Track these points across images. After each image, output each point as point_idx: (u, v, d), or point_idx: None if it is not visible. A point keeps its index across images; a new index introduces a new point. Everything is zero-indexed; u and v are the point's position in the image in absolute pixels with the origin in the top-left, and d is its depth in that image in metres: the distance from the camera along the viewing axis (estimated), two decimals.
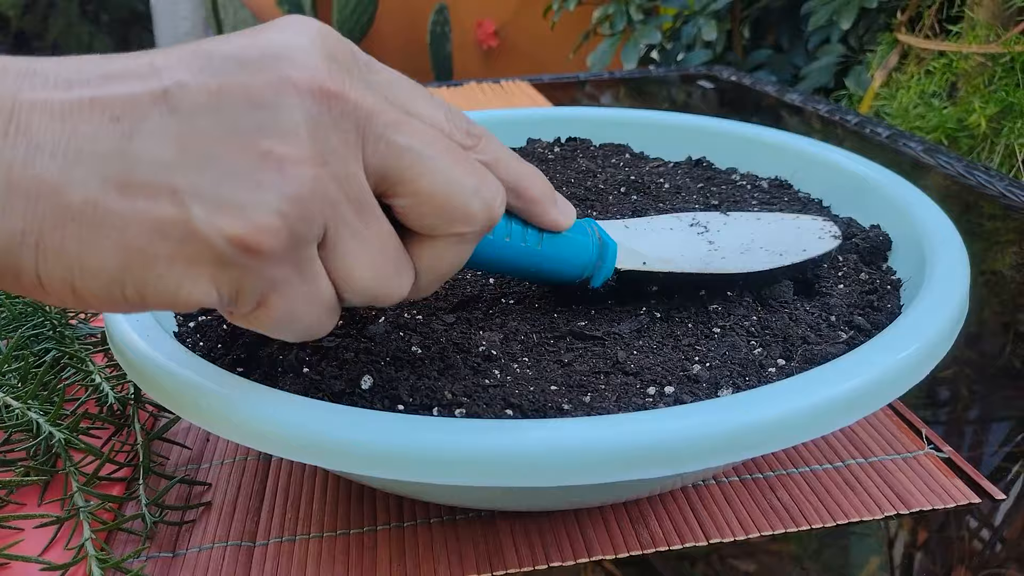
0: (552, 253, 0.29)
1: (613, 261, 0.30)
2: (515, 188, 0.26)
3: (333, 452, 0.22)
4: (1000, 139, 0.93)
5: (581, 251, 0.30)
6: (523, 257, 0.28)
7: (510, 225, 0.27)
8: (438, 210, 0.23)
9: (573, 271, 0.30)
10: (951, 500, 0.32)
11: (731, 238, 0.34)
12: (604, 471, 0.22)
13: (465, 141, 0.25)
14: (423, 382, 0.27)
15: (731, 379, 0.27)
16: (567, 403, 0.26)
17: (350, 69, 0.22)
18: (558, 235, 0.29)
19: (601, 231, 0.31)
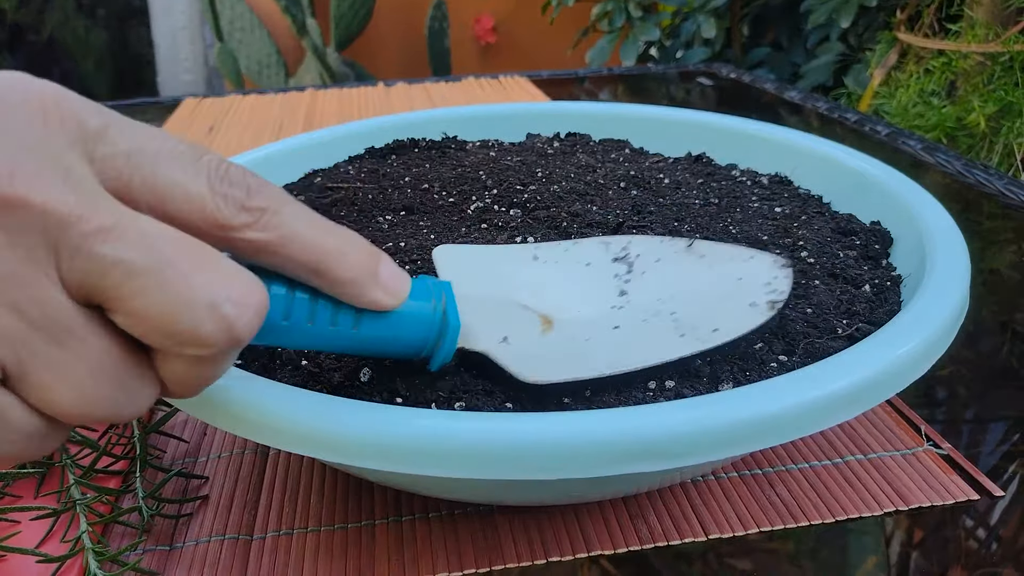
0: (373, 335, 0.24)
1: (453, 345, 0.26)
2: (316, 268, 0.22)
3: (331, 444, 0.22)
4: (999, 138, 0.93)
5: (413, 330, 0.25)
6: (333, 339, 0.23)
7: (315, 305, 0.22)
8: (160, 333, 0.19)
9: (403, 351, 0.25)
10: (950, 496, 0.32)
11: (648, 291, 0.29)
12: (604, 464, 0.21)
13: (236, 218, 0.20)
14: (422, 376, 0.27)
15: (732, 374, 0.27)
16: (567, 396, 0.26)
17: (59, 155, 0.18)
18: (382, 315, 0.24)
19: (450, 304, 0.26)
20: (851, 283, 0.33)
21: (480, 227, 0.38)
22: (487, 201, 0.41)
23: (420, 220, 0.40)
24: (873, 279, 0.34)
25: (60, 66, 2.41)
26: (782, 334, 0.30)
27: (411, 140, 0.52)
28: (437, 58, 2.06)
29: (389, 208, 0.41)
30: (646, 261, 0.31)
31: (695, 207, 0.41)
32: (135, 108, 0.98)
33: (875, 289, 0.33)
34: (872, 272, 0.34)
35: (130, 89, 2.50)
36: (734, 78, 1.04)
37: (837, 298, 0.32)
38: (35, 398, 0.18)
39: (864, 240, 0.37)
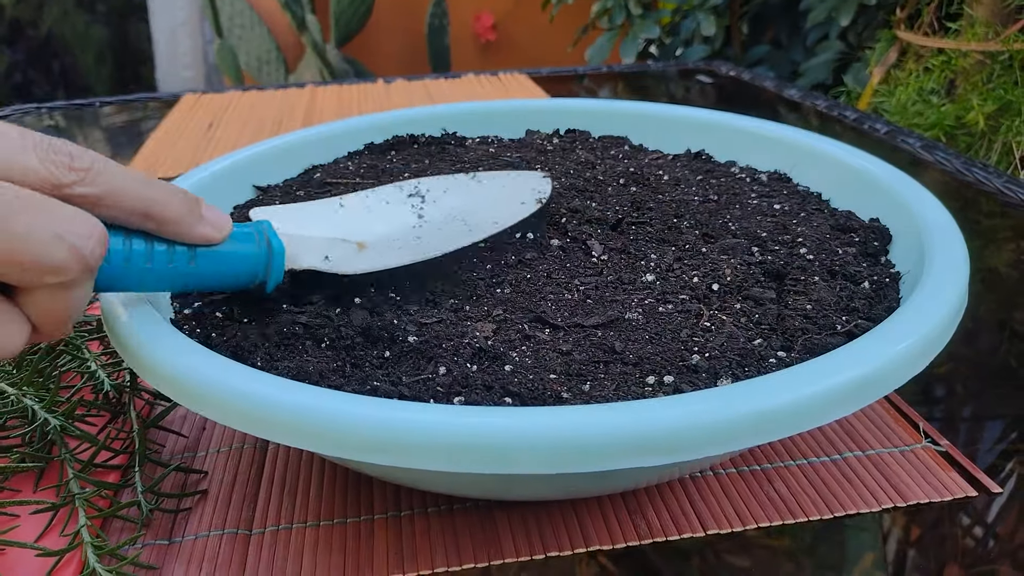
0: (208, 269, 0.28)
1: (281, 265, 0.30)
2: (144, 211, 0.26)
3: (331, 438, 0.22)
4: (998, 136, 0.93)
5: (243, 261, 0.29)
6: (176, 277, 0.27)
7: (151, 249, 0.26)
8: (14, 267, 0.22)
9: (240, 281, 0.29)
10: (948, 493, 0.32)
11: (440, 211, 0.36)
12: (604, 459, 0.22)
13: (65, 177, 0.24)
14: (421, 372, 0.27)
15: (730, 369, 0.27)
16: (566, 391, 0.26)
17: None
18: (213, 250, 0.28)
19: (271, 235, 0.30)
20: (850, 280, 0.33)
21: None
22: None
23: None
24: (872, 276, 0.34)
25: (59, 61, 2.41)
26: (780, 330, 0.30)
27: (410, 136, 0.52)
28: (437, 55, 2.06)
29: None
30: (435, 193, 0.38)
31: (694, 204, 0.41)
32: (134, 104, 0.98)
33: (874, 286, 0.33)
34: (871, 269, 0.34)
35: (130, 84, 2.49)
36: (733, 76, 1.04)
37: (836, 295, 0.32)
38: None
39: (863, 237, 0.37)
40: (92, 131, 0.89)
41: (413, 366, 0.27)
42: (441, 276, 0.33)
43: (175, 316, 0.33)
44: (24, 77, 2.37)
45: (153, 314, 0.29)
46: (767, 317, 0.30)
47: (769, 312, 0.31)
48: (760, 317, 0.30)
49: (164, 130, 0.85)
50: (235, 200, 0.44)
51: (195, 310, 0.33)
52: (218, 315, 0.32)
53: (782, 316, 0.30)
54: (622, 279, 0.33)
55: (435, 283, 0.33)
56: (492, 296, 0.32)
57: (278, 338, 0.29)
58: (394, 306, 0.31)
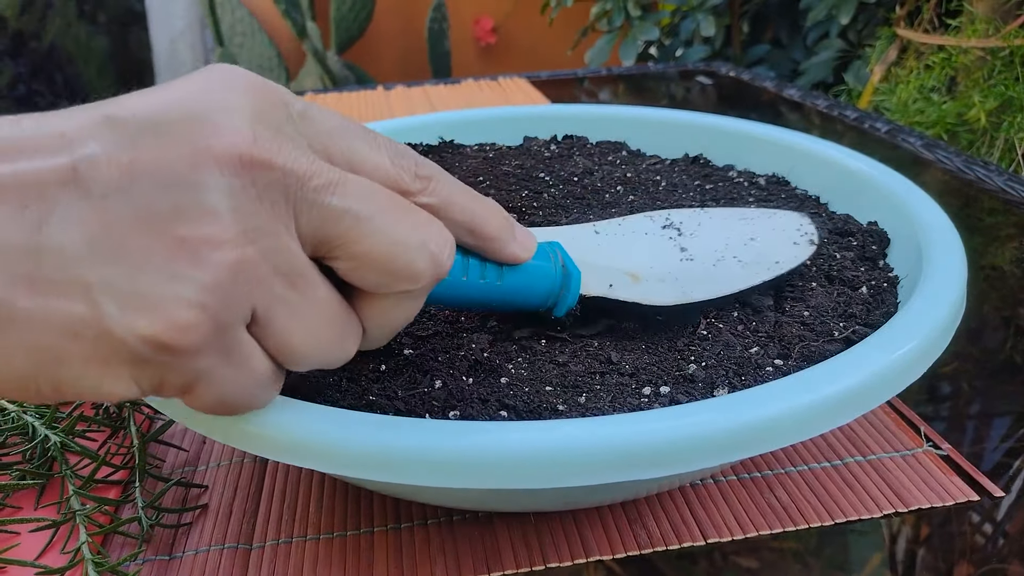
0: (513, 286, 0.28)
1: (577, 290, 0.30)
2: (470, 227, 0.25)
3: (327, 455, 0.22)
4: (1000, 133, 0.93)
5: (543, 281, 0.29)
6: (483, 293, 0.27)
7: (467, 263, 0.26)
8: (381, 271, 0.22)
9: (535, 301, 0.29)
10: (950, 498, 0.32)
11: (705, 243, 0.33)
12: (600, 472, 0.21)
13: (413, 185, 0.23)
14: (416, 386, 0.27)
15: (727, 379, 0.27)
16: (562, 404, 0.26)
17: (280, 126, 0.21)
18: (519, 267, 0.28)
19: (566, 257, 0.30)
20: (848, 285, 0.33)
21: None
22: None
23: None
24: (870, 280, 0.34)
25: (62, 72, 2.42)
26: (777, 338, 0.29)
27: (408, 145, 0.52)
28: (437, 60, 2.06)
29: None
30: (690, 226, 0.35)
31: None
32: None
33: (872, 291, 0.33)
34: (869, 273, 0.34)
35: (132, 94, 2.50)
36: (734, 76, 1.04)
37: (834, 300, 0.32)
38: (274, 342, 0.21)
39: (861, 241, 0.37)
40: None
41: (409, 379, 0.27)
42: None
43: None
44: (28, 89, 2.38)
45: None
46: (764, 325, 0.30)
47: (766, 319, 0.30)
48: (757, 325, 0.30)
49: None
50: None
51: None
52: None
53: (779, 323, 0.30)
54: None
55: None
56: None
57: None
58: None
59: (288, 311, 0.21)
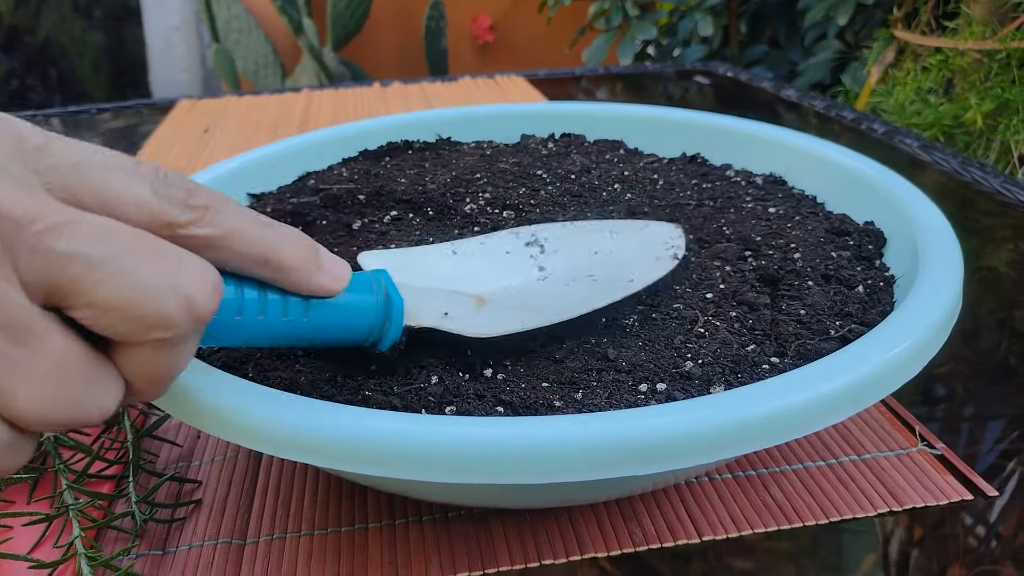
0: (323, 322, 0.25)
1: (400, 322, 0.27)
2: (262, 258, 0.23)
3: (323, 450, 0.22)
4: (996, 136, 0.93)
5: (361, 315, 0.26)
6: (288, 331, 0.24)
7: (265, 298, 0.24)
8: (126, 319, 0.19)
9: (355, 336, 0.26)
10: (944, 497, 0.32)
11: (565, 261, 0.33)
12: (597, 468, 0.21)
13: (181, 216, 0.21)
14: (413, 381, 0.26)
15: (723, 376, 0.27)
16: (559, 400, 0.25)
17: (3, 165, 0.19)
18: (330, 302, 0.25)
19: (390, 286, 0.27)
20: (844, 284, 0.33)
21: (473, 229, 0.38)
22: (481, 203, 0.41)
23: (414, 221, 0.40)
24: (866, 280, 0.34)
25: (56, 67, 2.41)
26: (773, 336, 0.29)
27: (405, 142, 0.52)
28: (434, 57, 2.06)
29: (382, 209, 0.41)
30: (554, 243, 0.34)
31: (689, 208, 0.41)
32: (130, 110, 0.98)
33: (868, 290, 0.33)
34: (865, 273, 0.34)
35: (127, 90, 2.49)
36: (731, 76, 1.04)
37: (830, 299, 0.32)
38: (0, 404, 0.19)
39: (857, 240, 0.37)
40: (89, 137, 0.89)
41: (405, 375, 0.27)
42: None
43: None
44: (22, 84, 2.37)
45: None
46: (761, 323, 0.30)
47: (763, 318, 0.31)
48: (754, 323, 0.30)
49: (159, 136, 0.85)
50: None
51: None
52: None
53: (776, 321, 0.30)
54: None
55: None
56: None
57: (269, 348, 0.29)
58: None
59: (10, 369, 0.18)
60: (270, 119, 0.89)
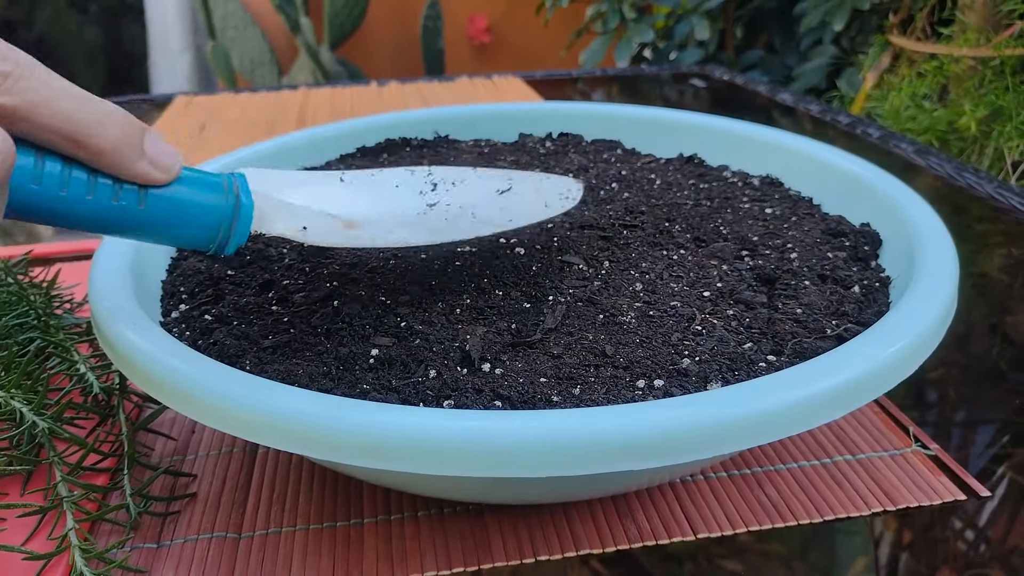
0: (160, 216, 0.24)
1: (247, 226, 0.26)
2: (71, 136, 0.22)
3: (321, 442, 0.22)
4: (990, 142, 0.94)
5: (203, 213, 0.25)
6: (120, 217, 0.24)
7: (68, 174, 0.23)
8: None
9: (196, 235, 0.26)
10: (937, 497, 0.32)
11: (453, 199, 0.32)
12: (593, 462, 0.21)
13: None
14: (411, 375, 0.26)
15: (720, 373, 0.27)
16: (556, 395, 0.26)
17: None
18: (170, 194, 0.24)
19: (243, 188, 0.27)
20: (840, 284, 0.33)
21: None
22: None
23: None
24: (862, 280, 0.34)
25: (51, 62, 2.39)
26: (770, 334, 0.30)
27: (403, 139, 0.52)
28: (431, 57, 2.06)
29: None
30: (449, 183, 0.34)
31: (686, 208, 0.41)
32: (125, 105, 0.98)
33: (864, 290, 0.33)
34: (861, 273, 0.35)
35: (123, 86, 2.48)
36: (727, 80, 1.04)
37: (827, 299, 0.32)
38: None
39: (854, 241, 0.37)
40: None
41: (403, 369, 0.27)
42: (429, 278, 0.33)
43: (164, 319, 0.32)
44: None
45: (142, 317, 0.29)
46: (757, 321, 0.30)
47: (760, 316, 0.31)
48: (751, 321, 0.30)
49: (157, 129, 0.84)
50: None
51: (184, 313, 0.33)
52: (207, 318, 0.32)
53: (772, 320, 0.30)
54: (613, 283, 0.33)
55: (422, 287, 0.33)
56: (483, 299, 0.32)
57: (267, 341, 0.29)
58: (384, 307, 0.31)
59: None
60: (267, 116, 0.89)
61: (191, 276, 0.35)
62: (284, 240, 0.37)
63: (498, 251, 0.36)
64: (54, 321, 0.40)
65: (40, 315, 0.40)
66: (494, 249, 0.36)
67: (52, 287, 0.43)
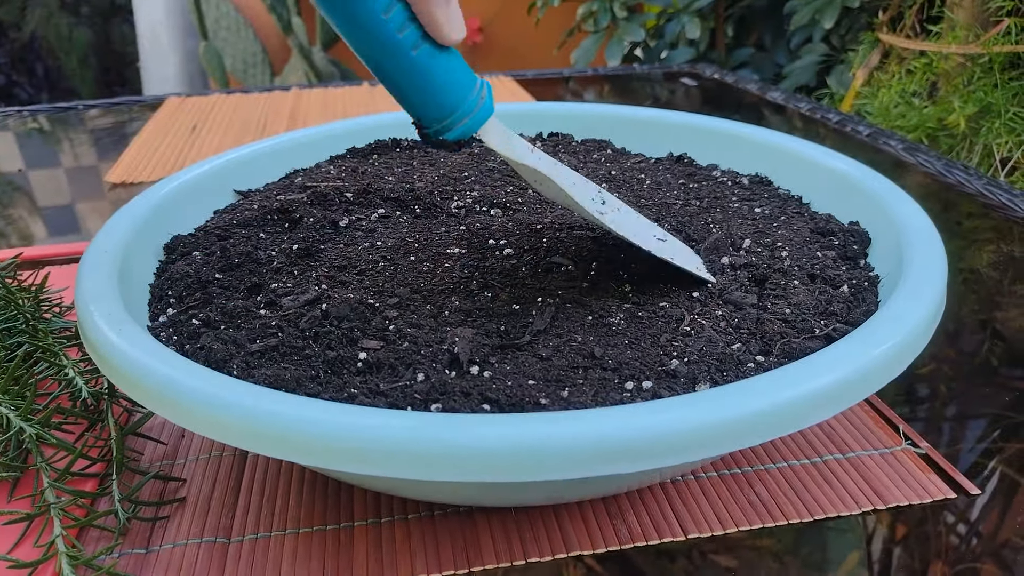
0: (423, 65, 0.26)
1: (481, 120, 0.28)
2: None
3: (308, 448, 0.22)
4: (979, 139, 0.94)
5: (454, 86, 0.27)
6: (391, 52, 0.26)
7: (393, 5, 0.25)
8: None
9: (436, 101, 0.27)
10: (927, 495, 0.32)
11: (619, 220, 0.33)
12: (582, 466, 0.21)
13: None
14: (399, 379, 0.26)
15: (709, 374, 0.27)
16: (545, 397, 0.25)
17: None
18: (438, 52, 0.26)
19: (488, 94, 0.29)
20: (829, 283, 0.33)
21: (459, 227, 0.38)
22: (468, 201, 0.41)
23: (401, 219, 0.40)
24: (851, 279, 0.34)
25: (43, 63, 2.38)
26: (759, 334, 0.30)
27: (393, 140, 0.52)
28: None
29: (369, 207, 0.41)
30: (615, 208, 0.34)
31: (676, 207, 0.41)
32: (119, 107, 0.97)
33: (853, 289, 0.33)
34: (850, 272, 0.35)
35: (115, 87, 2.47)
36: (717, 79, 1.05)
37: (815, 298, 0.32)
38: None
39: (842, 240, 0.37)
40: (76, 134, 0.88)
41: (391, 373, 0.27)
42: (418, 280, 0.33)
43: (151, 323, 0.32)
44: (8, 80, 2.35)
45: (129, 322, 0.28)
46: (746, 321, 0.30)
47: (748, 316, 0.31)
48: (739, 321, 0.30)
49: (148, 133, 0.84)
50: (215, 205, 0.44)
51: (171, 317, 0.32)
52: (195, 322, 0.31)
53: (761, 320, 0.30)
54: (602, 284, 0.33)
55: (411, 289, 0.33)
56: (471, 301, 0.32)
57: (255, 346, 0.29)
58: (372, 309, 0.31)
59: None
60: (258, 117, 0.89)
61: (179, 280, 0.34)
62: (278, 241, 0.37)
63: (487, 253, 0.35)
64: (43, 325, 0.40)
65: (28, 319, 0.39)
66: (483, 251, 0.36)
67: (41, 290, 0.42)
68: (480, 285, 0.33)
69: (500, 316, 0.31)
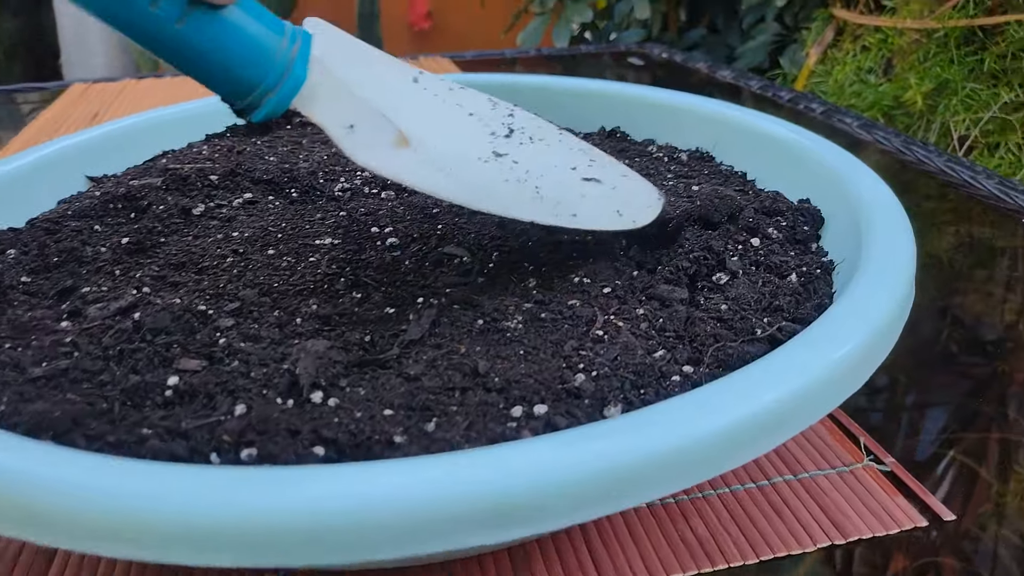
0: (198, 39, 0.21)
1: (288, 96, 0.23)
2: None
3: (39, 523, 0.16)
4: (936, 117, 0.90)
5: (248, 55, 0.22)
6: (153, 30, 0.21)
7: None
8: None
9: (229, 78, 0.22)
10: (894, 524, 0.26)
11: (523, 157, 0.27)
12: (416, 541, 0.15)
13: None
14: (212, 412, 0.20)
15: (622, 392, 0.21)
16: (401, 434, 0.19)
17: None
18: (216, 18, 0.21)
19: (305, 49, 0.23)
20: (775, 272, 0.28)
21: (338, 214, 0.32)
22: (357, 183, 0.35)
23: (270, 205, 0.33)
24: (801, 266, 0.28)
25: None
26: (688, 338, 0.24)
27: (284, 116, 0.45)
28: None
29: (235, 191, 0.34)
30: (527, 135, 0.29)
31: None
32: (16, 93, 0.89)
33: (803, 278, 0.27)
34: (800, 258, 0.29)
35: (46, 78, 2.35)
36: (666, 58, 0.99)
37: (758, 291, 0.26)
38: None
39: (791, 221, 0.31)
40: None
41: (205, 404, 0.21)
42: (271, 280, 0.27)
43: None
44: None
45: None
46: (673, 322, 0.24)
47: (676, 315, 0.25)
48: (665, 322, 0.24)
49: (43, 121, 0.76)
50: (60, 194, 0.37)
51: None
52: None
53: (692, 320, 0.25)
54: (501, 280, 0.27)
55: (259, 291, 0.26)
56: (334, 305, 0.26)
57: (38, 370, 0.22)
58: (201, 318, 0.24)
59: None
60: (169, 102, 0.81)
61: None
62: (116, 235, 0.30)
63: (366, 244, 0.29)
64: None
65: None
66: (361, 242, 0.29)
67: None
68: (349, 284, 0.26)
69: (367, 323, 0.24)
